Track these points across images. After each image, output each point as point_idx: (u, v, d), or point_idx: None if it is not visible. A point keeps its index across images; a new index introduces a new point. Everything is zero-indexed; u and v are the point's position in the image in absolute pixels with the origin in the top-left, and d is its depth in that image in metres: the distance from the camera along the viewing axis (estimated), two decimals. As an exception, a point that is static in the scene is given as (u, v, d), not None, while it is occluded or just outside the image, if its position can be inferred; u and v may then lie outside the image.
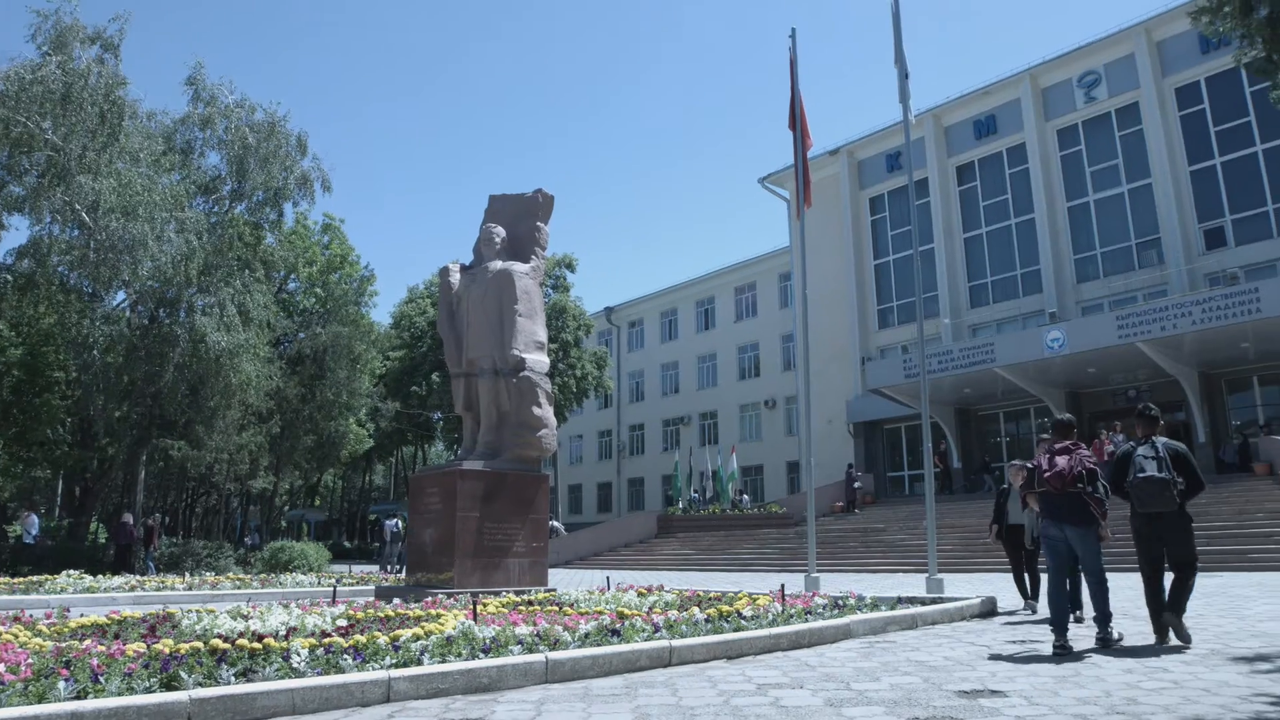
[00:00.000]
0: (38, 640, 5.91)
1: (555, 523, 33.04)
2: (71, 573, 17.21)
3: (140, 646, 5.34)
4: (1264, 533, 17.64)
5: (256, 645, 5.41)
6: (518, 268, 12.79)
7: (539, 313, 13.02)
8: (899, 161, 36.72)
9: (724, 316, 48.89)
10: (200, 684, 4.73)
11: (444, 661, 5.56)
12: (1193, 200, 29.36)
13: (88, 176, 21.13)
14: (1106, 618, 6.82)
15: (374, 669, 5.26)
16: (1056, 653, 6.47)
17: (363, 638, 5.82)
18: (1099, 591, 6.84)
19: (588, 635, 6.50)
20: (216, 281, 25.04)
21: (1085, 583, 7.14)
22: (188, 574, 21.01)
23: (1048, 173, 32.86)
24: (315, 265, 37.45)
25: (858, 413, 35.85)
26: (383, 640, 5.77)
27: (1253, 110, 28.03)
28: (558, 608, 8.74)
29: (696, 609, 7.96)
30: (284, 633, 6.26)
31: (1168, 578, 6.96)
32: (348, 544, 50.46)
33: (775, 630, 7.29)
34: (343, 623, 7.18)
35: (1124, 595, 9.76)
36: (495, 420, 12.41)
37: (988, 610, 9.83)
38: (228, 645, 5.39)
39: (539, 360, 12.63)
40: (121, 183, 21.74)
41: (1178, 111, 30.13)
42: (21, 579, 16.50)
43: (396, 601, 9.49)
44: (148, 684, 4.62)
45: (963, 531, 22.51)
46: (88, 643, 5.80)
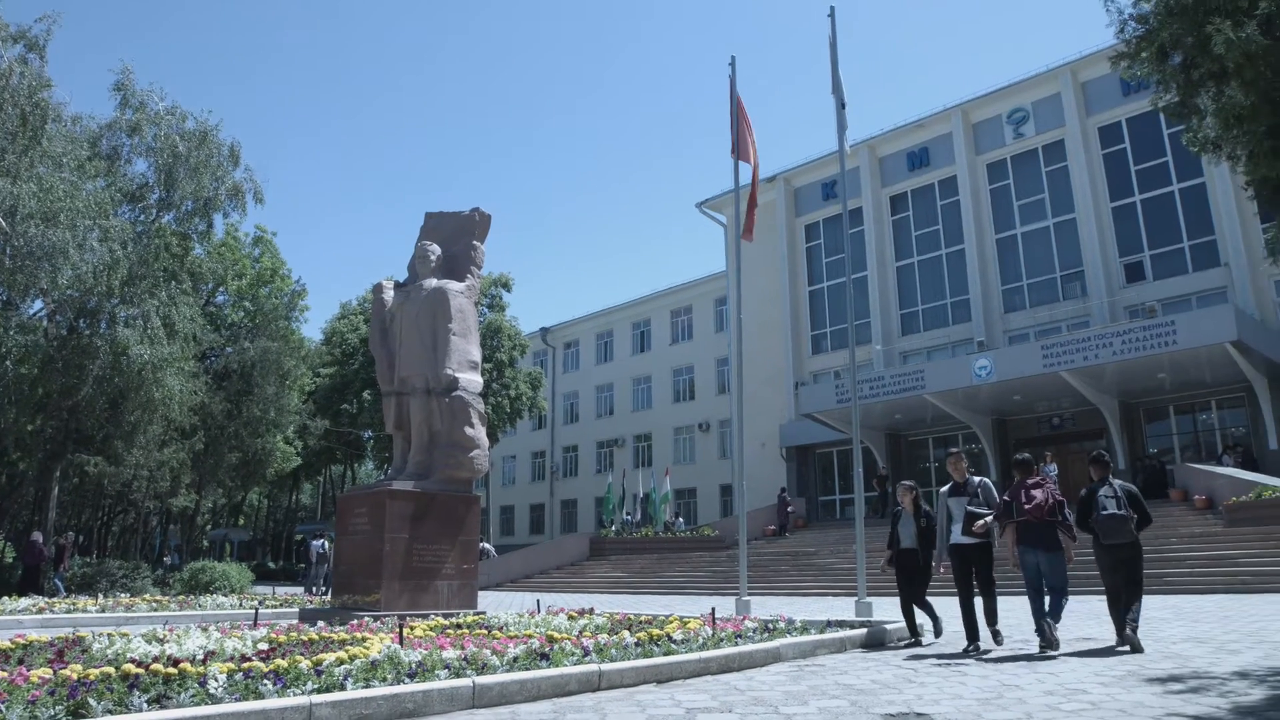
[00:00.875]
0: (-68, 664, 5.60)
1: (486, 544, 32.62)
2: (-26, 594, 16.46)
3: (46, 672, 5.10)
4: (1178, 557, 18.18)
5: (172, 670, 5.20)
6: (453, 286, 12.65)
7: (473, 332, 12.89)
8: (834, 190, 37.38)
9: (660, 339, 49.06)
10: (110, 711, 4.53)
11: (368, 686, 5.41)
12: (1114, 235, 30.41)
13: (6, 180, 20.38)
14: (1057, 622, 8.15)
15: (295, 694, 5.09)
16: (1042, 651, 7.99)
17: (284, 662, 5.64)
18: (1059, 603, 8.20)
19: (516, 659, 6.39)
20: (141, 293, 24.29)
21: (1049, 596, 8.19)
22: (101, 595, 20.23)
23: (977, 205, 33.74)
24: (245, 278, 36.63)
25: (791, 437, 36.19)
26: (305, 665, 5.60)
27: (1170, 151, 29.18)
28: (487, 631, 8.60)
29: (627, 632, 7.89)
30: (201, 657, 6.04)
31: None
32: (272, 565, 49.19)
33: (705, 654, 7.26)
34: (264, 646, 6.96)
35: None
36: (427, 440, 12.22)
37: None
38: (141, 670, 5.18)
39: (472, 380, 12.48)
40: (42, 188, 21.00)
41: (1100, 150, 31.25)
42: (-80, 600, 15.72)
43: (321, 624, 9.24)
44: (52, 712, 4.41)
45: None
46: (-13, 667, 5.51)
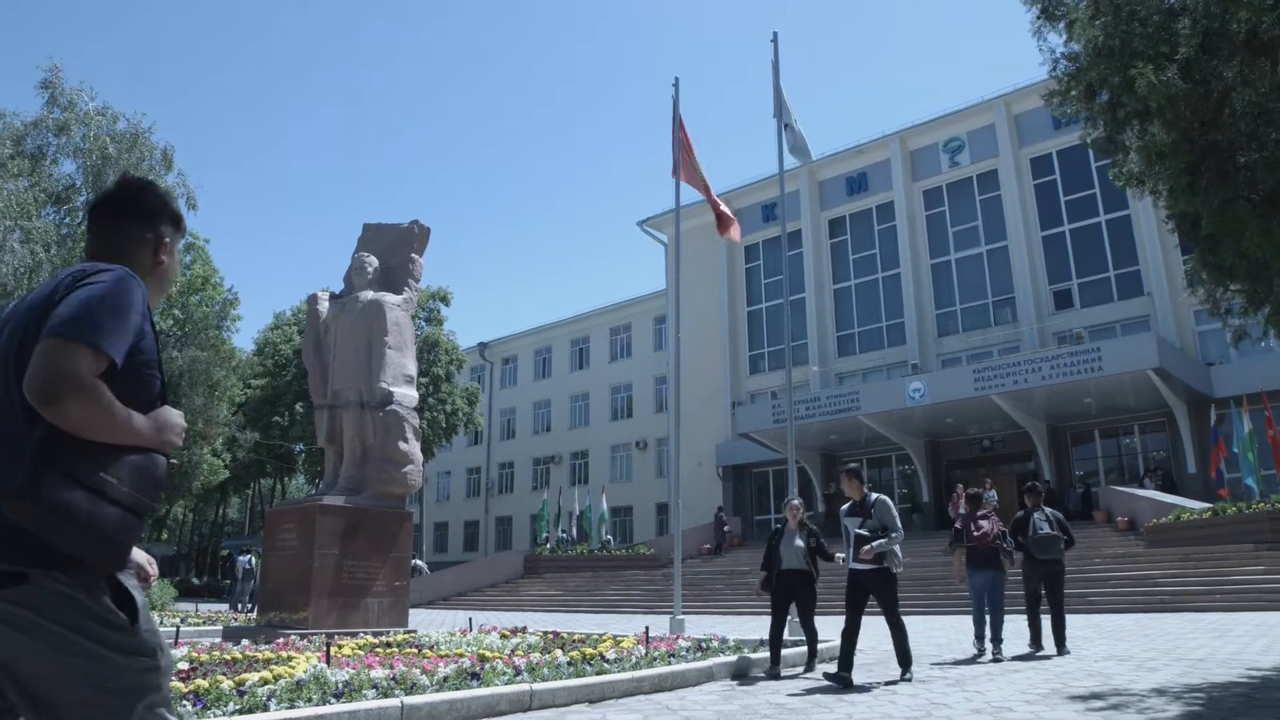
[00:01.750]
0: None
1: (419, 561, 32.14)
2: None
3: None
4: (1101, 577, 18.65)
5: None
6: (389, 299, 12.48)
7: (409, 346, 12.72)
8: (774, 212, 37.81)
9: (599, 356, 48.98)
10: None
11: (292, 707, 5.27)
12: (1044, 263, 31.28)
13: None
14: (999, 635, 9.33)
15: (216, 716, 4.94)
16: (995, 658, 9.09)
17: (205, 682, 5.47)
18: (999, 617, 9.36)
19: (446, 679, 6.28)
20: (64, 298, 23.55)
21: (990, 617, 9.43)
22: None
23: (914, 230, 34.44)
24: (175, 285, 35.75)
25: (727, 456, 36.37)
26: (227, 685, 5.44)
27: (1098, 183, 30.14)
28: (417, 650, 8.45)
29: (560, 651, 7.82)
30: (114, 676, 5.81)
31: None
32: (196, 581, 47.82)
33: (638, 673, 7.22)
34: (184, 666, 6.75)
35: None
36: (359, 454, 12.00)
37: (847, 653, 9.98)
38: (48, 690, 4.96)
39: (407, 394, 12.31)
40: (-41, 186, 20.33)
41: (1032, 180, 32.17)
42: None
43: (245, 643, 9.00)
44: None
45: (825, 573, 22.94)
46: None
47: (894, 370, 32.93)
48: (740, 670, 8.33)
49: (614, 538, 38.02)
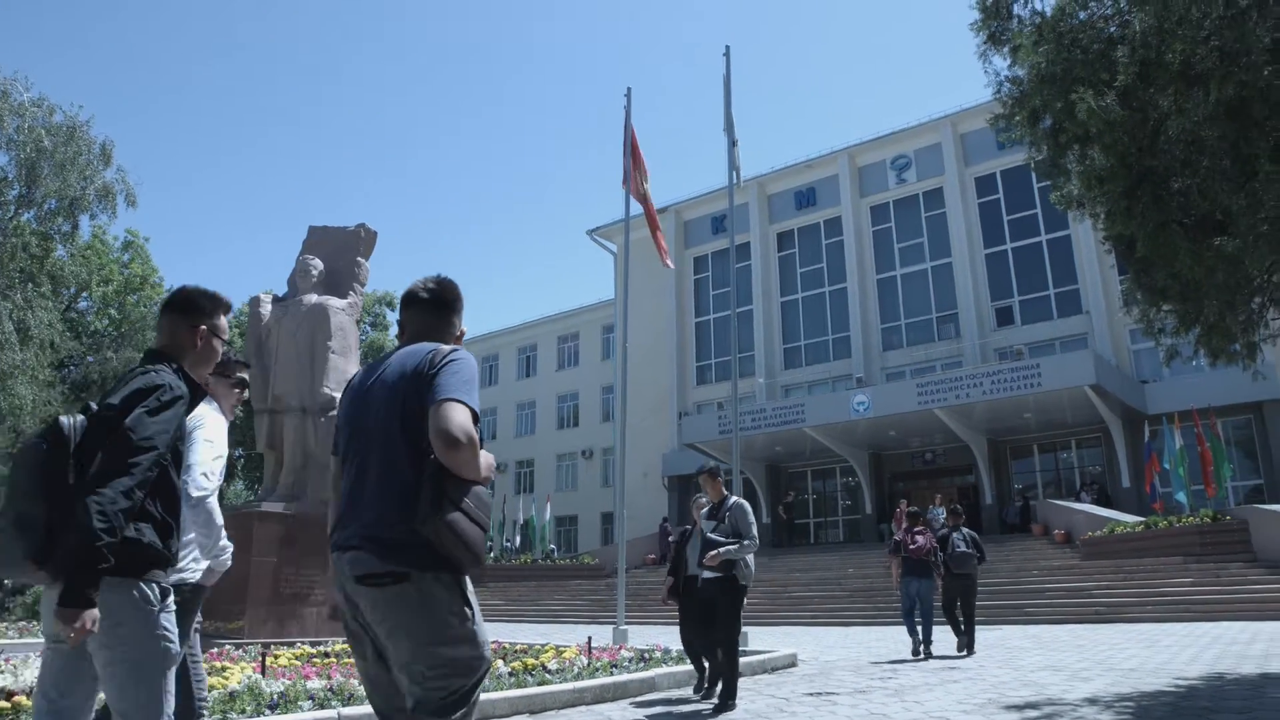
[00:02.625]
0: None
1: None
2: None
3: None
4: (1038, 588, 19.02)
5: (5, 704, 4.84)
6: (334, 303, 12.32)
7: (354, 351, 12.57)
8: (724, 224, 38.05)
9: (545, 365, 48.79)
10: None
11: (225, 719, 5.14)
12: (987, 280, 31.92)
13: None
14: (929, 637, 10.73)
15: (141, 728, 4.79)
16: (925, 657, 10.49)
17: (131, 693, 5.30)
18: (930, 620, 10.73)
19: (385, 690, 6.17)
20: (-7, 294, 22.91)
21: (920, 614, 10.73)
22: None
23: (860, 245, 34.91)
24: (112, 284, 34.84)
25: (673, 466, 36.44)
26: (154, 696, 5.28)
27: (1039, 203, 30.82)
28: (355, 660, 8.31)
29: (501, 662, 7.75)
30: (38, 688, 5.63)
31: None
32: (127, 587, 46.54)
33: (580, 684, 7.18)
34: (110, 676, 6.54)
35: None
36: (300, 460, 11.81)
37: (789, 663, 10.07)
38: (-32, 703, 4.80)
39: (351, 399, 12.15)
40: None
41: (977, 199, 32.82)
42: None
43: (176, 652, 8.77)
44: None
45: (769, 585, 23.13)
46: None
47: (839, 383, 33.30)
48: (684, 681, 8.33)
49: (558, 547, 37.87)
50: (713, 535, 6.90)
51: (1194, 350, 9.08)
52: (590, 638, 9.52)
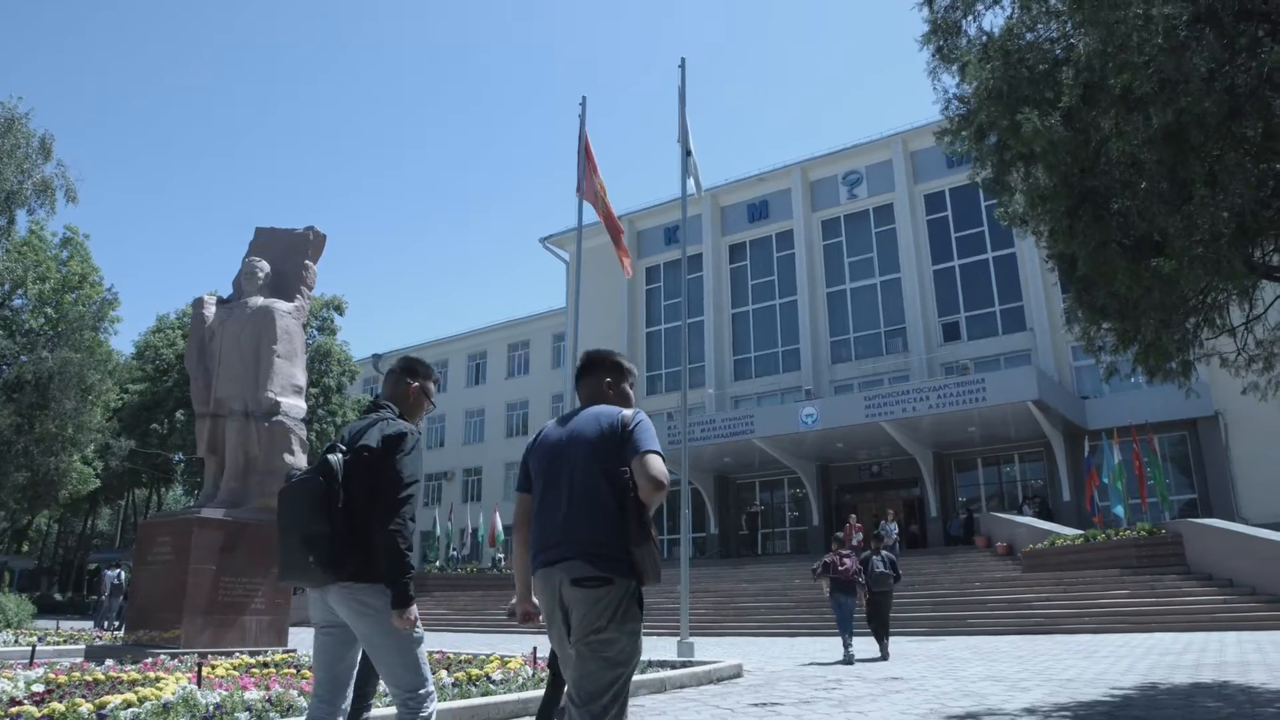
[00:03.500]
0: None
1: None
2: None
3: None
4: (980, 600, 19.29)
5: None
6: (280, 306, 12.10)
7: (299, 355, 12.35)
8: (676, 235, 38.22)
9: (495, 372, 48.48)
10: None
11: (155, 731, 5.01)
12: (934, 296, 32.44)
13: None
14: (849, 645, 12.13)
15: (68, 740, 4.65)
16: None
17: (61, 706, 5.16)
18: (850, 630, 12.24)
19: (324, 701, 6.06)
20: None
21: (841, 620, 12.37)
22: None
23: (811, 259, 35.27)
24: (49, 282, 33.80)
25: (623, 476, 36.39)
26: (86, 708, 5.15)
27: (986, 221, 31.44)
28: (296, 670, 8.15)
29: (445, 672, 7.66)
30: (-41, 699, 5.45)
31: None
32: (60, 596, 45.17)
33: (525, 695, 7.12)
34: (39, 688, 6.35)
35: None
36: (242, 466, 11.56)
37: (734, 673, 10.08)
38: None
39: (295, 405, 11.94)
40: None
41: (925, 215, 33.38)
42: None
43: (110, 663, 8.52)
44: None
45: (716, 595, 23.18)
46: None
47: (788, 395, 33.56)
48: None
49: (505, 556, 37.56)
50: None
51: (1132, 368, 9.30)
52: (535, 648, 9.44)
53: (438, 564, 34.17)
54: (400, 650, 3.20)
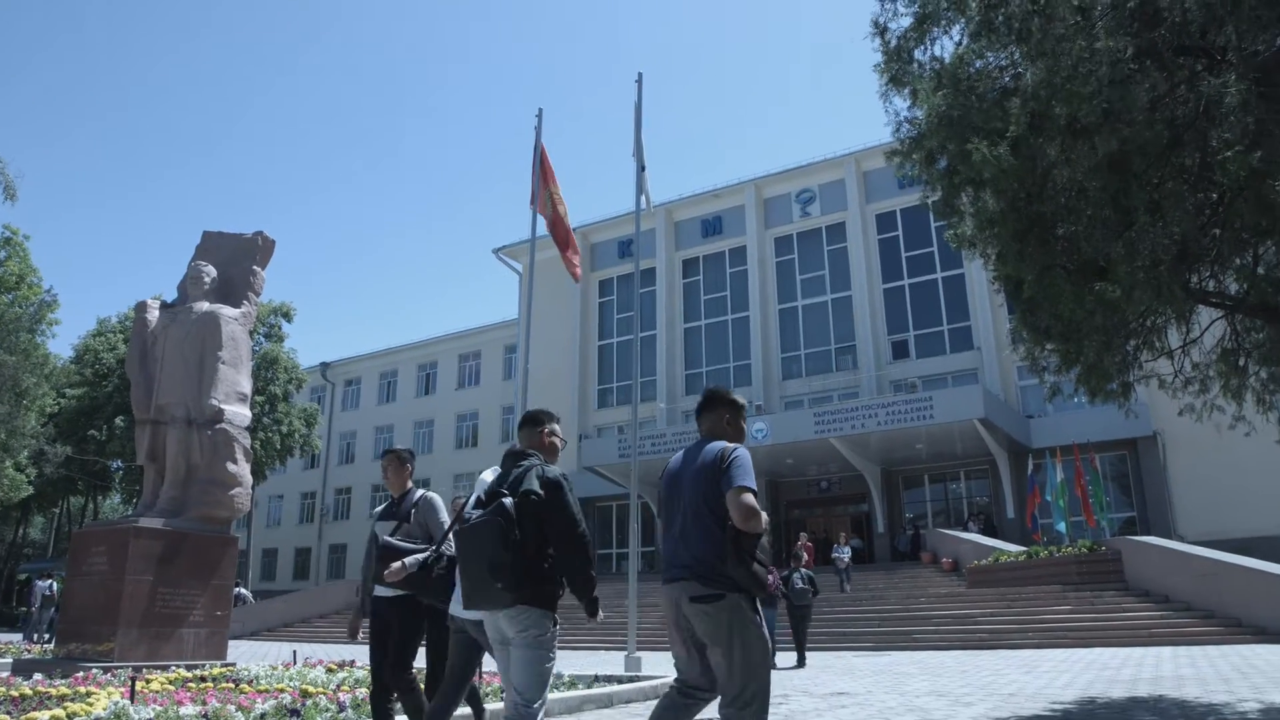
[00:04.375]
0: None
1: (243, 590, 30.52)
2: None
3: None
4: (926, 615, 19.52)
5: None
6: (226, 311, 11.89)
7: (245, 362, 12.14)
8: (630, 249, 38.30)
9: (445, 383, 48.09)
10: None
11: (85, 748, 4.86)
12: (884, 314, 32.87)
13: None
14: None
15: (-7, 758, 4.50)
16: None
17: (-16, 721, 4.98)
18: (773, 640, 12.22)
19: (264, 716, 5.95)
20: None
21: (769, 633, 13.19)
22: None
23: (764, 275, 35.56)
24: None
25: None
26: (10, 724, 4.97)
27: (936, 242, 31.96)
28: (234, 684, 7.98)
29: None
30: (-122, 715, 5.24)
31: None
32: (-13, 607, 43.84)
33: (467, 710, 7.02)
34: (-38, 702, 6.14)
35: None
36: (183, 474, 11.31)
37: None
38: None
39: (239, 413, 11.73)
40: None
41: (877, 235, 33.84)
42: None
43: (38, 677, 8.26)
44: None
45: (665, 610, 23.13)
46: None
47: (739, 410, 33.63)
48: (573, 707, 8.24)
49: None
50: (392, 539, 5.11)
51: (1074, 388, 9.50)
52: (481, 661, 9.34)
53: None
54: (539, 666, 3.73)
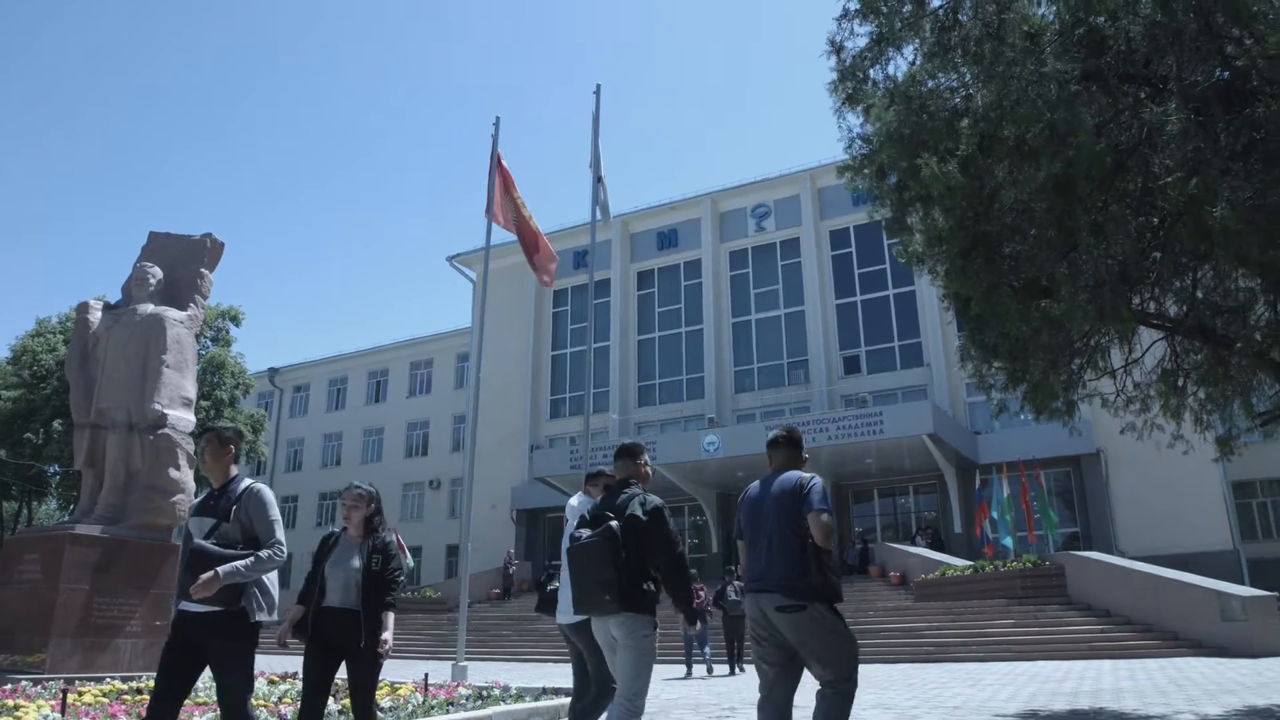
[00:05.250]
0: None
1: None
2: None
3: None
4: (874, 629, 19.67)
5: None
6: (172, 314, 11.64)
7: (190, 366, 11.88)
8: (585, 259, 38.26)
9: (397, 390, 47.52)
10: None
11: (11, 762, 4.70)
12: (836, 329, 33.18)
13: None
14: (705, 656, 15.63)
15: (-88, 773, 4.33)
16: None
17: (-96, 734, 4.80)
18: (705, 651, 16.05)
19: (200, 729, 5.81)
20: None
21: (699, 645, 15.82)
22: None
23: (718, 289, 35.74)
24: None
25: (522, 499, 36.09)
26: (-68, 738, 4.80)
27: (888, 259, 32.32)
28: (170, 697, 7.77)
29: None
30: None
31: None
32: (-85, 615, 42.24)
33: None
34: (-119, 715, 5.91)
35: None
36: (123, 480, 11.03)
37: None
38: None
39: (183, 418, 11.47)
40: None
41: (830, 250, 34.17)
42: None
43: (-36, 689, 8.00)
44: None
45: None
46: None
47: (691, 423, 33.79)
48: (520, 718, 8.16)
49: (406, 582, 36.77)
50: (205, 543, 4.18)
51: (1020, 405, 9.67)
52: (427, 674, 9.24)
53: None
54: (641, 665, 4.31)
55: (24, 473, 38.69)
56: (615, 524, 4.37)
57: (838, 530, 29.21)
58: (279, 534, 4.37)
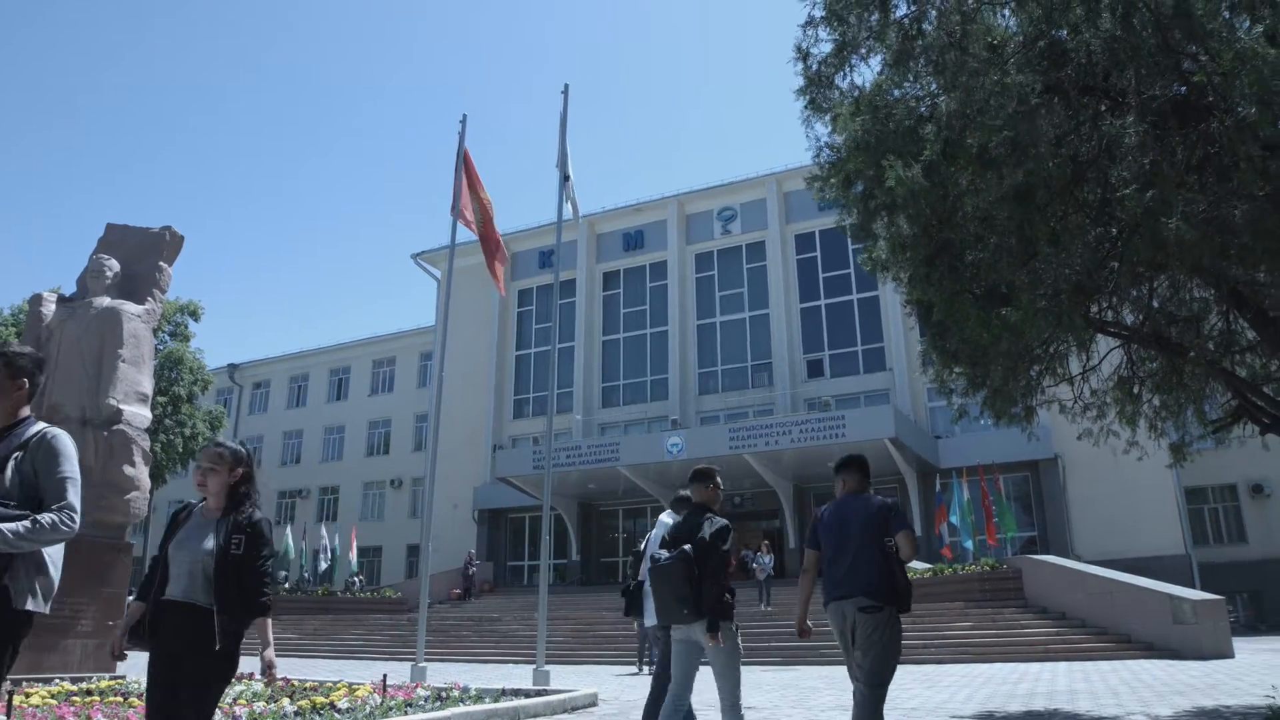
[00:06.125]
0: None
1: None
2: None
3: None
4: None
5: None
6: (129, 308, 11.46)
7: (147, 361, 11.70)
8: (550, 259, 38.16)
9: (358, 388, 47.07)
10: None
11: (-45, 766, 4.60)
12: (800, 333, 33.40)
13: None
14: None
15: None
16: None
17: None
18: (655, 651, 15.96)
19: (152, 732, 5.70)
20: None
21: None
22: None
23: (684, 291, 35.83)
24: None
25: (484, 500, 35.92)
26: (-128, 739, 4.68)
27: (852, 264, 32.62)
28: (122, 699, 7.66)
29: (288, 700, 7.34)
30: None
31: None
32: None
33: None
34: None
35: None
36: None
37: (589, 702, 10.01)
38: None
39: (139, 414, 11.29)
40: None
41: (795, 255, 34.40)
42: None
43: (-93, 688, 7.80)
44: None
45: (575, 623, 23.04)
46: None
47: (654, 424, 33.83)
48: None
49: (362, 579, 36.43)
50: None
51: (981, 410, 9.80)
52: (386, 675, 9.16)
53: (285, 586, 32.80)
54: (731, 666, 4.97)
55: (-27, 468, 37.78)
56: (689, 548, 4.96)
57: (798, 532, 29.53)
58: (71, 496, 3.20)
